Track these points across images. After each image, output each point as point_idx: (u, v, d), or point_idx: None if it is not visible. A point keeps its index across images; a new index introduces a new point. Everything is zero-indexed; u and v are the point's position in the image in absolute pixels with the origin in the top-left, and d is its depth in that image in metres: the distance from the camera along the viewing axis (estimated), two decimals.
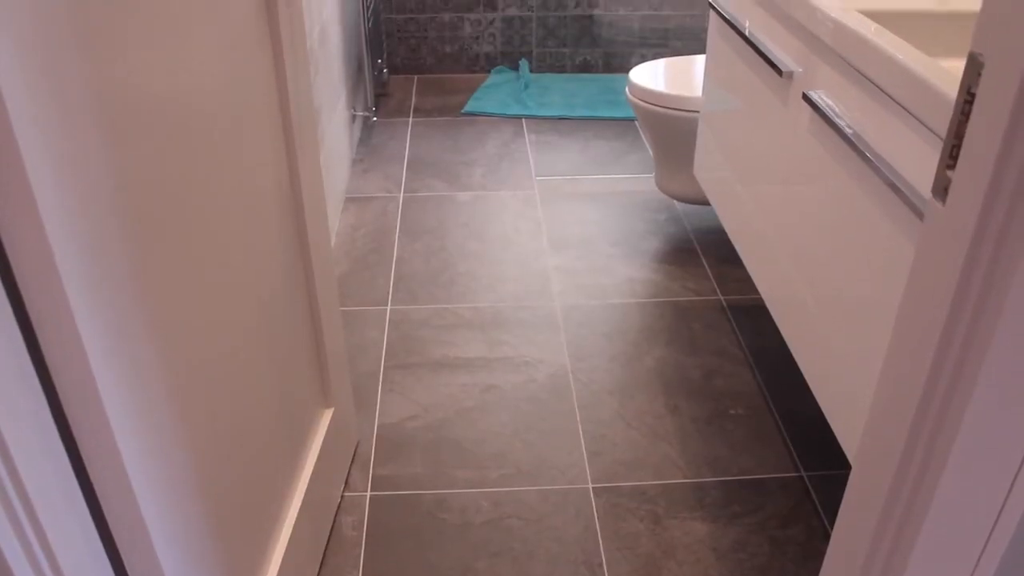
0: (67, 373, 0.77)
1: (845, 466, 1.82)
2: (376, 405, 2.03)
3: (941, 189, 0.74)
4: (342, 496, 1.79)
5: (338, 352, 1.74)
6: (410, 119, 3.54)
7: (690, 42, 3.88)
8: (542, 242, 2.68)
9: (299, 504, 1.47)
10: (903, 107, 1.26)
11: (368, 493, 1.80)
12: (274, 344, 1.36)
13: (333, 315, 1.69)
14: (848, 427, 1.47)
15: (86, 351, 0.76)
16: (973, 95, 0.69)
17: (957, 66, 1.18)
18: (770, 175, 1.83)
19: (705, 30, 3.77)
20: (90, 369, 0.77)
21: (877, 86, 1.33)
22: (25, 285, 0.71)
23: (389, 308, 2.37)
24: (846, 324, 1.47)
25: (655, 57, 3.90)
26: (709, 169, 2.30)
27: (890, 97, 1.29)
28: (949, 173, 0.72)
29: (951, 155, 0.72)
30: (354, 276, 2.51)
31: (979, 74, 0.68)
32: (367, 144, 3.31)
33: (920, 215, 1.19)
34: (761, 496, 1.79)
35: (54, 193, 0.71)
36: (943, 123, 1.14)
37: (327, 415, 1.68)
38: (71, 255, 0.74)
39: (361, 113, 3.35)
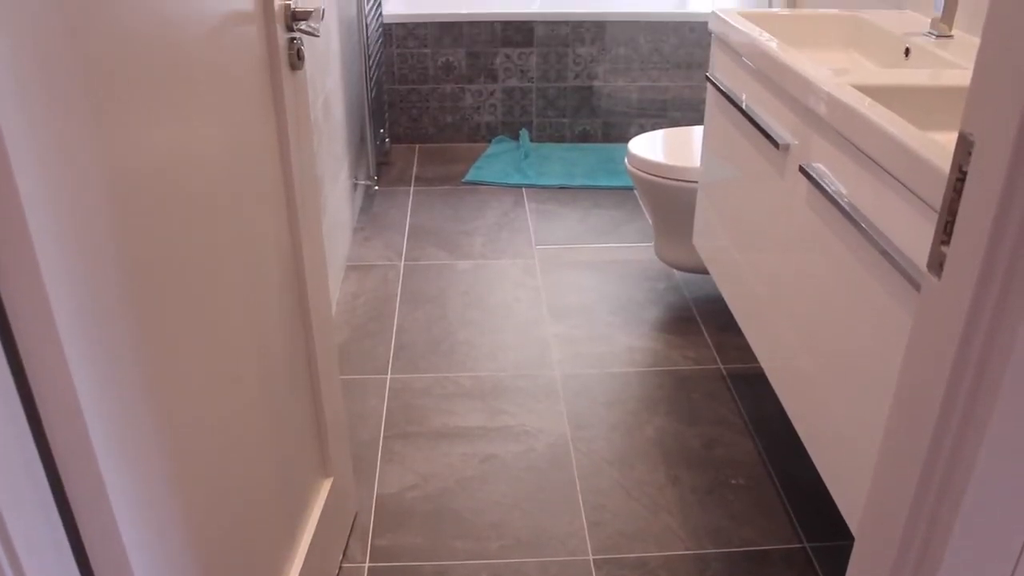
0: (63, 436, 0.77)
1: (848, 536, 1.80)
2: (375, 475, 2.02)
3: (936, 264, 0.75)
4: (340, 567, 1.77)
5: (338, 421, 1.73)
6: (411, 188, 3.57)
7: (688, 112, 3.94)
8: (542, 311, 2.69)
9: (297, 575, 1.45)
10: (897, 179, 1.28)
11: (367, 564, 1.78)
12: (274, 412, 1.36)
13: (333, 384, 1.69)
14: (850, 497, 1.46)
15: (84, 416, 0.77)
16: (965, 173, 0.70)
17: (950, 139, 1.20)
18: (768, 245, 1.84)
19: (703, 101, 3.83)
20: (87, 433, 0.77)
21: (872, 159, 1.35)
22: (25, 347, 0.72)
23: (389, 376, 2.37)
24: (846, 393, 1.47)
25: (654, 127, 3.96)
26: (708, 238, 2.33)
27: (884, 170, 1.31)
28: (944, 249, 0.74)
29: (945, 231, 0.73)
30: (354, 344, 2.51)
31: (969, 153, 0.69)
32: (368, 212, 3.34)
33: (916, 286, 1.21)
34: (764, 568, 1.77)
35: (57, 259, 0.72)
36: (936, 195, 1.16)
37: (326, 484, 1.67)
38: (72, 319, 0.74)
39: (363, 182, 3.38)
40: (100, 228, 0.79)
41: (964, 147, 0.70)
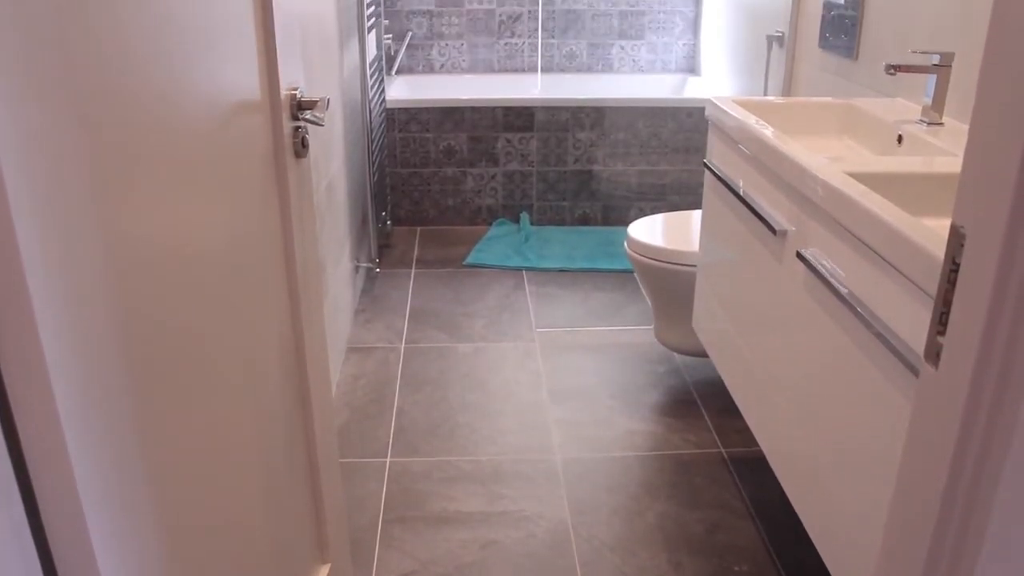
0: (59, 516, 0.76)
1: None
2: (374, 561, 1.99)
3: (933, 354, 0.75)
4: None
5: (336, 505, 1.72)
6: (412, 270, 3.60)
7: (687, 196, 3.99)
8: (542, 394, 2.68)
9: None
10: (892, 265, 1.29)
11: None
12: (271, 495, 1.35)
13: (332, 467, 1.68)
14: None
15: (79, 495, 0.76)
16: (958, 264, 0.71)
17: (943, 225, 1.22)
18: (767, 329, 1.85)
19: (701, 185, 3.88)
20: (82, 513, 0.77)
21: (867, 245, 1.37)
22: (23, 425, 0.72)
23: (389, 460, 2.35)
24: (847, 478, 1.46)
25: (653, 210, 4.00)
26: (707, 322, 2.33)
27: (880, 256, 1.33)
28: (940, 339, 0.74)
29: (941, 321, 0.74)
30: (354, 427, 2.50)
31: (961, 244, 0.71)
32: (370, 294, 3.36)
33: (914, 371, 1.21)
34: None
35: (58, 337, 0.73)
36: (930, 281, 1.18)
37: (324, 571, 1.65)
38: (70, 396, 0.75)
39: (364, 264, 3.41)
40: (101, 308, 0.80)
41: (956, 239, 0.71)
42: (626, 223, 3.97)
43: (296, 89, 1.39)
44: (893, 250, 1.29)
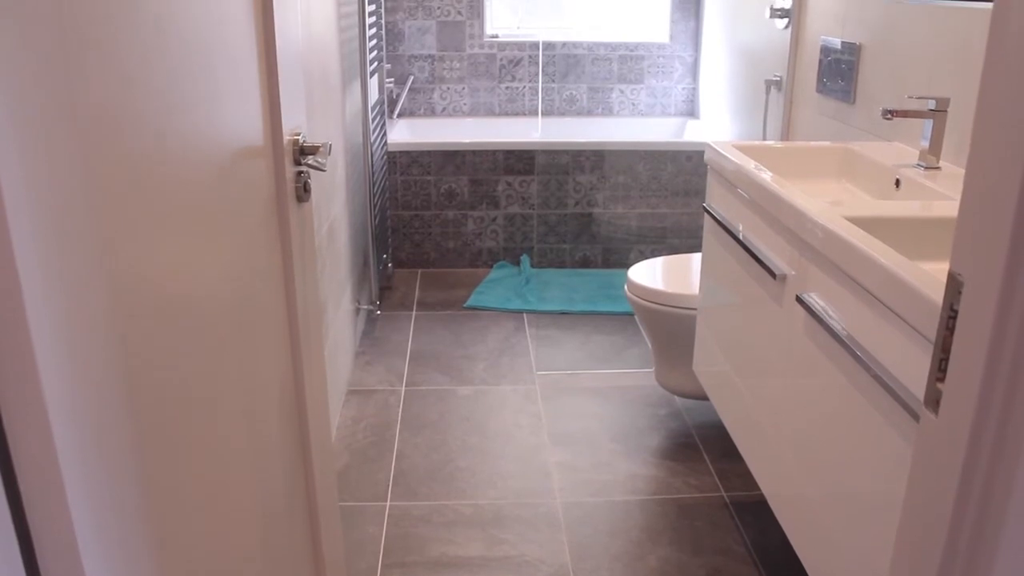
0: (56, 561, 0.76)
1: None
2: None
3: (933, 401, 0.75)
4: None
5: (335, 550, 1.71)
6: (413, 313, 3.60)
7: (687, 239, 4.01)
8: (543, 437, 2.67)
9: None
10: (891, 310, 1.29)
11: None
12: (270, 538, 1.34)
13: (331, 512, 1.67)
14: None
15: (77, 540, 0.76)
16: (956, 311, 0.72)
17: (941, 269, 1.22)
18: (767, 372, 1.85)
19: (701, 227, 3.89)
20: (80, 558, 0.77)
21: (866, 290, 1.38)
22: (22, 471, 0.72)
23: (388, 504, 2.34)
24: (849, 522, 1.46)
25: (653, 253, 4.02)
26: (708, 365, 2.33)
27: (879, 300, 1.33)
28: (939, 386, 0.75)
29: (940, 368, 0.74)
30: (354, 470, 2.49)
31: (959, 292, 0.71)
32: (370, 336, 3.36)
33: (915, 415, 1.21)
34: None
35: (59, 380, 0.73)
36: (928, 325, 1.18)
37: None
38: (70, 439, 0.75)
39: (365, 307, 3.41)
40: (102, 351, 0.80)
41: (954, 286, 0.72)
42: (626, 266, 3.98)
43: (299, 134, 1.40)
44: (892, 294, 1.29)
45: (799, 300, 1.60)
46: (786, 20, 3.04)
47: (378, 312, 3.57)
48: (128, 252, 0.85)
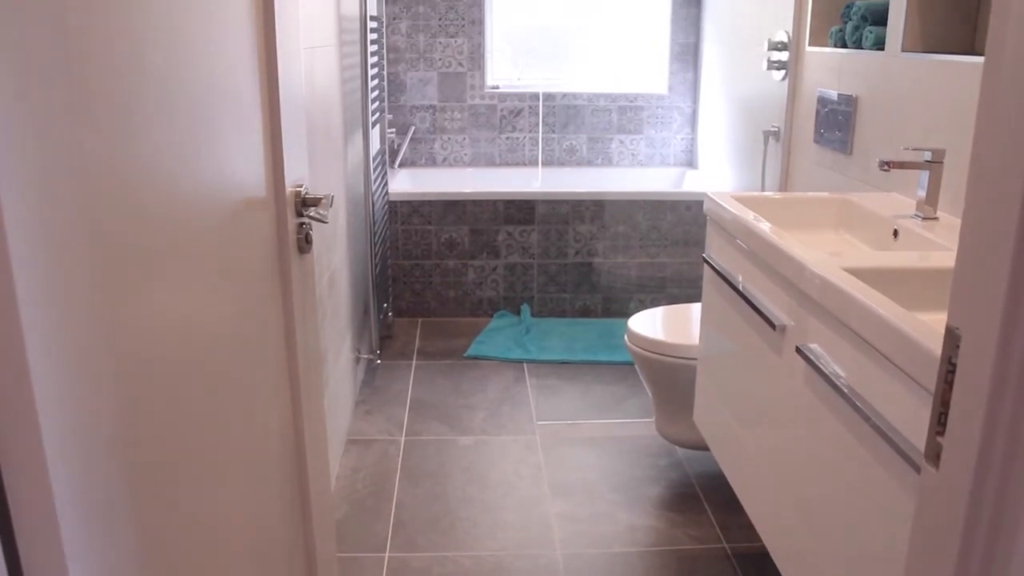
0: None
1: None
2: None
3: (934, 455, 0.75)
4: None
5: None
6: (413, 362, 3.60)
7: (687, 288, 4.02)
8: (543, 488, 2.66)
9: None
10: (891, 361, 1.30)
11: None
12: None
13: (330, 563, 1.65)
14: None
15: None
16: (954, 365, 0.72)
17: (940, 319, 1.23)
18: (768, 423, 1.85)
19: (701, 277, 3.90)
20: None
21: (865, 341, 1.38)
22: (18, 519, 0.71)
23: (387, 555, 2.32)
24: (851, 574, 1.44)
25: (653, 302, 4.02)
26: (708, 415, 2.33)
27: (878, 351, 1.34)
28: (940, 439, 0.75)
29: (940, 422, 0.74)
30: (352, 520, 2.47)
31: (957, 346, 0.71)
32: (370, 385, 3.35)
33: (916, 467, 1.21)
34: None
35: (59, 427, 0.73)
36: (928, 376, 1.18)
37: None
38: (69, 484, 0.74)
39: (365, 356, 3.41)
40: (103, 399, 0.80)
41: (952, 341, 0.72)
42: (627, 315, 3.98)
43: (301, 186, 1.41)
44: (891, 345, 1.30)
45: (799, 351, 1.60)
46: (783, 72, 3.08)
47: (378, 361, 3.57)
48: (130, 300, 0.86)
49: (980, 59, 1.91)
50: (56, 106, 0.72)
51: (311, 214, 1.41)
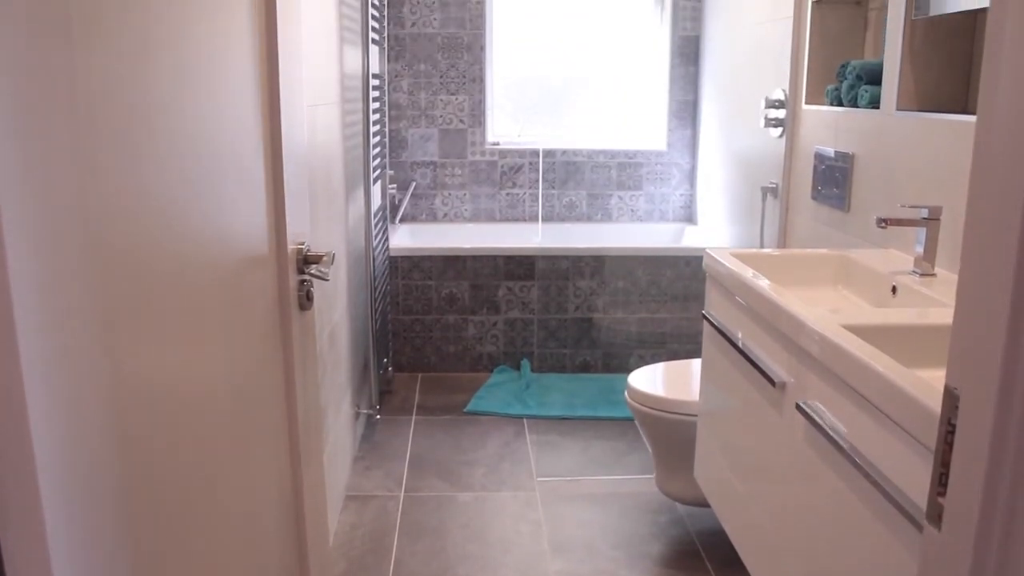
0: None
1: None
2: None
3: (935, 516, 0.75)
4: None
5: None
6: (413, 417, 3.59)
7: (686, 344, 4.01)
8: (543, 545, 2.63)
9: None
10: (890, 418, 1.30)
11: None
12: None
13: None
14: None
15: None
16: (954, 425, 0.72)
17: (939, 376, 1.23)
18: (769, 479, 1.84)
19: (701, 332, 3.90)
20: None
21: (865, 398, 1.38)
22: (12, 566, 0.71)
23: None
24: None
25: (653, 358, 4.02)
26: (709, 472, 2.31)
27: (878, 409, 1.34)
28: (941, 500, 0.74)
29: (941, 482, 0.74)
30: None
31: (956, 406, 0.72)
32: (370, 441, 3.34)
33: (917, 525, 1.20)
34: None
35: (56, 478, 0.73)
36: (928, 434, 1.18)
37: None
38: (65, 536, 0.74)
39: (365, 411, 3.40)
40: (102, 452, 0.80)
41: (951, 401, 0.72)
42: (627, 370, 3.97)
43: (303, 243, 1.42)
44: (890, 403, 1.30)
45: (799, 408, 1.60)
46: (780, 129, 3.11)
47: (378, 416, 3.56)
48: (131, 354, 0.86)
49: (974, 118, 1.94)
50: (64, 164, 0.73)
51: (312, 271, 1.42)
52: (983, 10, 2.02)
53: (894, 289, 2.00)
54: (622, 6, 4.55)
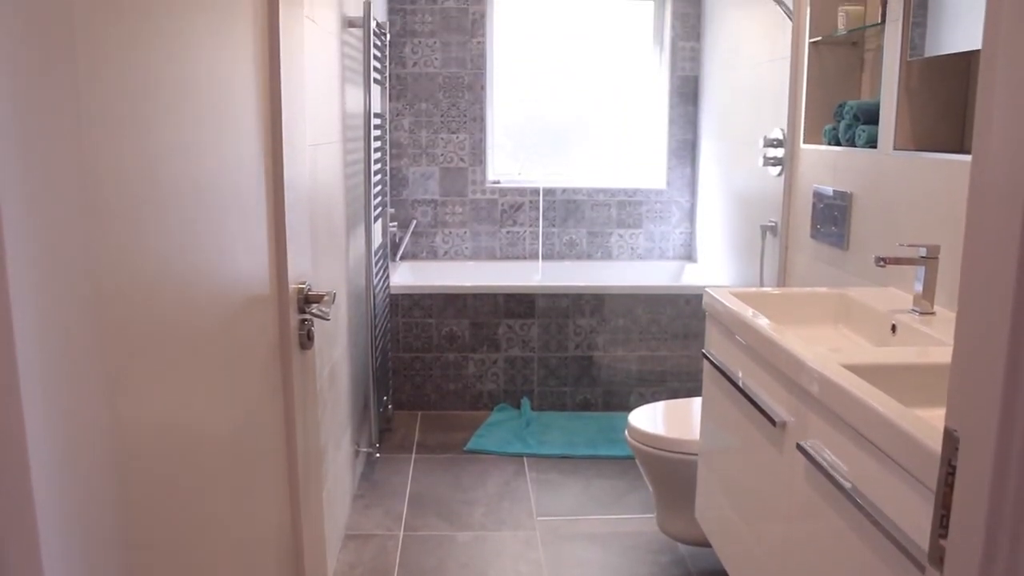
0: None
1: None
2: None
3: (937, 558, 0.75)
4: None
5: None
6: (413, 455, 3.57)
7: (687, 382, 4.01)
8: None
9: None
10: (890, 458, 1.29)
11: None
12: None
13: None
14: None
15: None
16: (954, 467, 0.72)
17: (941, 415, 1.23)
18: (770, 519, 1.83)
19: (701, 370, 3.90)
20: None
21: (865, 438, 1.38)
22: None
23: None
24: None
25: (653, 396, 4.01)
26: (710, 511, 2.30)
27: (878, 448, 1.33)
28: (942, 542, 0.74)
29: (942, 524, 0.74)
30: None
31: (956, 448, 0.72)
32: (369, 479, 3.32)
33: (919, 564, 1.19)
34: None
35: (55, 522, 0.72)
36: (928, 474, 1.18)
37: None
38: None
39: (365, 449, 3.39)
40: (101, 492, 0.80)
41: (951, 443, 0.72)
42: (627, 408, 3.96)
43: (304, 283, 1.43)
44: (890, 443, 1.29)
45: (799, 448, 1.60)
46: (779, 168, 3.13)
47: (377, 454, 3.54)
48: (133, 391, 0.86)
49: (969, 157, 1.95)
50: (68, 210, 0.73)
51: (313, 311, 1.43)
52: (977, 51, 2.05)
53: (894, 327, 2.01)
54: (622, 47, 4.59)
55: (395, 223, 4.42)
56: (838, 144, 2.67)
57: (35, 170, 0.68)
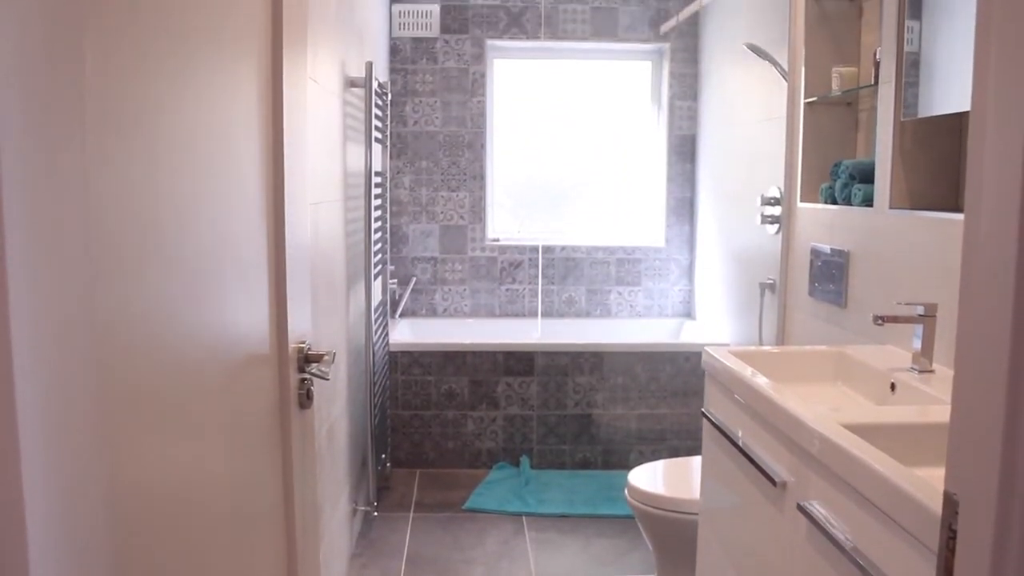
0: None
1: None
2: None
3: None
4: None
5: None
6: (411, 514, 3.54)
7: (686, 440, 3.99)
8: None
9: None
10: (891, 518, 1.29)
11: None
12: None
13: None
14: None
15: None
16: (955, 531, 0.72)
17: (941, 475, 1.22)
18: None
19: (701, 428, 3.88)
20: None
21: (866, 498, 1.37)
22: None
23: None
24: None
25: (653, 454, 3.99)
26: (711, 571, 2.28)
27: (879, 509, 1.33)
28: None
29: None
30: None
31: (956, 512, 0.72)
32: (367, 538, 3.29)
33: None
34: None
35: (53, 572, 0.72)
36: (929, 535, 1.17)
37: None
38: None
39: (363, 507, 3.36)
40: (98, 542, 0.79)
41: (950, 507, 0.72)
42: (627, 466, 3.93)
43: (304, 342, 1.43)
44: (891, 503, 1.29)
45: (800, 508, 1.59)
46: (777, 226, 3.16)
47: (375, 513, 3.51)
48: (131, 449, 0.86)
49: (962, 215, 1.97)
50: (72, 268, 0.74)
51: (313, 370, 1.43)
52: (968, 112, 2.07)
53: (893, 386, 2.00)
54: (620, 106, 4.65)
55: (395, 280, 4.43)
56: (835, 203, 2.69)
57: (39, 227, 0.69)
